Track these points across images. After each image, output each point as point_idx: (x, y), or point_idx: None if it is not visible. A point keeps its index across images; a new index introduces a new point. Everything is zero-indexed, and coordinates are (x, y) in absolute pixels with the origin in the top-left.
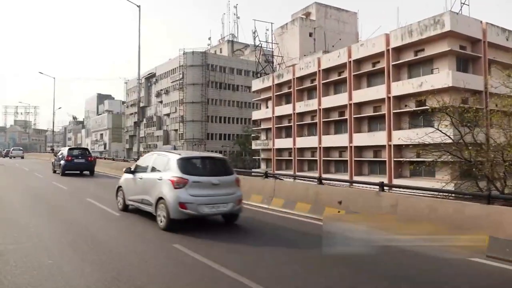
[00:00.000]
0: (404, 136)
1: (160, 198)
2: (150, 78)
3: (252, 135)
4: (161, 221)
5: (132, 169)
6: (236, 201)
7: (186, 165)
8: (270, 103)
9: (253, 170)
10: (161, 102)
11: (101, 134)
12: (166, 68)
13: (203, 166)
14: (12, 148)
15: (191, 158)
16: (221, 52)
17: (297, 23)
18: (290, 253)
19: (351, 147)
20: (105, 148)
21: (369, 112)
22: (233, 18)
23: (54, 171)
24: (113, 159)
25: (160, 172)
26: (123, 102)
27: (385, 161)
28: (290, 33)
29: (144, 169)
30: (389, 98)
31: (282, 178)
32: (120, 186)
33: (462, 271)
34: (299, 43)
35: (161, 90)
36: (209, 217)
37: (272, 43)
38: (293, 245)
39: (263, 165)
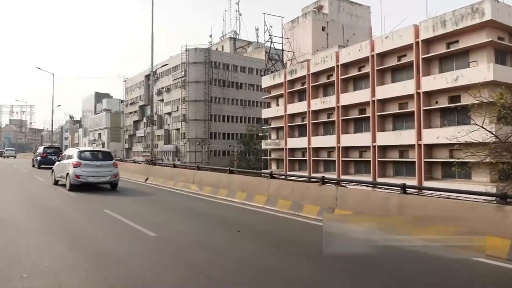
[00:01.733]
0: (437, 134)
1: (67, 173)
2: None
3: (260, 134)
4: (67, 186)
5: (59, 159)
6: (113, 175)
7: (81, 154)
8: (281, 101)
9: (290, 173)
10: (162, 100)
11: (99, 134)
12: (167, 65)
13: (92, 155)
14: (5, 149)
15: (85, 150)
16: (223, 49)
17: (309, 16)
18: None
19: (374, 146)
20: (103, 147)
21: (393, 109)
22: (235, 15)
23: (33, 165)
24: (121, 160)
25: (69, 159)
26: (122, 101)
27: (412, 161)
28: (301, 27)
29: (63, 159)
30: (418, 94)
31: (345, 184)
32: (53, 170)
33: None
34: (311, 37)
35: (162, 88)
36: (99, 185)
37: (282, 37)
38: None
39: (273, 166)
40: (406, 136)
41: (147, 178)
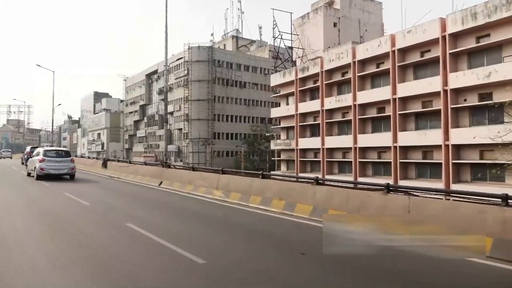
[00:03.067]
0: (466, 134)
1: (35, 167)
2: (152, 75)
3: (266, 134)
4: (34, 176)
5: (31, 156)
6: (70, 168)
7: (46, 152)
8: (291, 99)
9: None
10: (163, 99)
11: (99, 134)
12: (169, 64)
13: (54, 153)
14: (2, 150)
15: (49, 150)
16: (225, 48)
17: (320, 12)
18: None
19: (395, 147)
20: (102, 148)
21: (416, 107)
22: (237, 13)
23: (22, 163)
24: (130, 162)
25: (37, 156)
26: (122, 101)
27: (438, 163)
28: (312, 23)
29: (33, 156)
30: (445, 91)
31: (416, 194)
32: (27, 165)
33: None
34: (323, 33)
35: (164, 87)
36: (60, 176)
37: (291, 34)
38: None
39: (283, 167)
40: (431, 136)
41: (161, 182)
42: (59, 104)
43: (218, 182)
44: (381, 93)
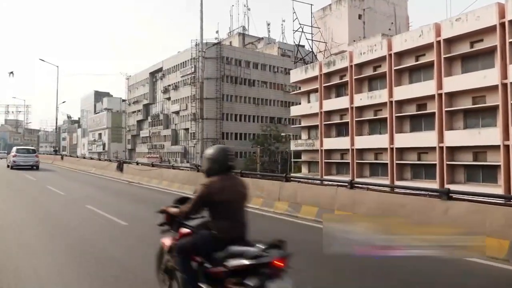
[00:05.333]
0: None
1: (11, 160)
2: (156, 73)
3: (282, 134)
4: (10, 167)
5: (9, 153)
6: (35, 161)
7: (18, 150)
8: (313, 97)
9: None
10: (168, 98)
11: (100, 134)
12: (174, 61)
13: (25, 151)
14: None
15: (20, 148)
16: (231, 45)
17: (345, 3)
18: None
19: (441, 147)
20: (104, 148)
21: (466, 104)
22: (243, 10)
23: (8, 165)
24: (153, 165)
25: (12, 153)
26: (124, 100)
27: (494, 165)
28: (335, 15)
29: (10, 153)
30: (504, 85)
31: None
32: (7, 159)
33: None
34: (348, 26)
35: (169, 85)
36: (27, 167)
37: (311, 27)
38: None
39: (304, 169)
40: (487, 135)
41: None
42: (64, 102)
43: (281, 192)
44: (423, 88)
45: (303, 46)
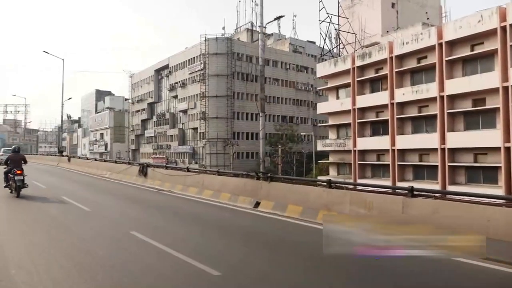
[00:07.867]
0: None
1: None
2: (161, 70)
3: (303, 134)
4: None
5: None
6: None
7: (4, 150)
8: (342, 93)
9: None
10: (175, 97)
11: (101, 134)
12: (181, 58)
13: (11, 150)
14: None
15: (7, 149)
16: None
17: None
18: None
19: (507, 148)
20: (106, 149)
21: None
22: (250, 5)
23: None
24: (188, 169)
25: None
26: (126, 99)
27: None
28: (365, 4)
29: None
30: None
31: None
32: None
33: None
34: (381, 16)
35: (176, 83)
36: None
37: (338, 16)
38: None
39: (332, 171)
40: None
41: (258, 203)
42: (70, 98)
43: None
44: (481, 81)
45: (314, 43)
